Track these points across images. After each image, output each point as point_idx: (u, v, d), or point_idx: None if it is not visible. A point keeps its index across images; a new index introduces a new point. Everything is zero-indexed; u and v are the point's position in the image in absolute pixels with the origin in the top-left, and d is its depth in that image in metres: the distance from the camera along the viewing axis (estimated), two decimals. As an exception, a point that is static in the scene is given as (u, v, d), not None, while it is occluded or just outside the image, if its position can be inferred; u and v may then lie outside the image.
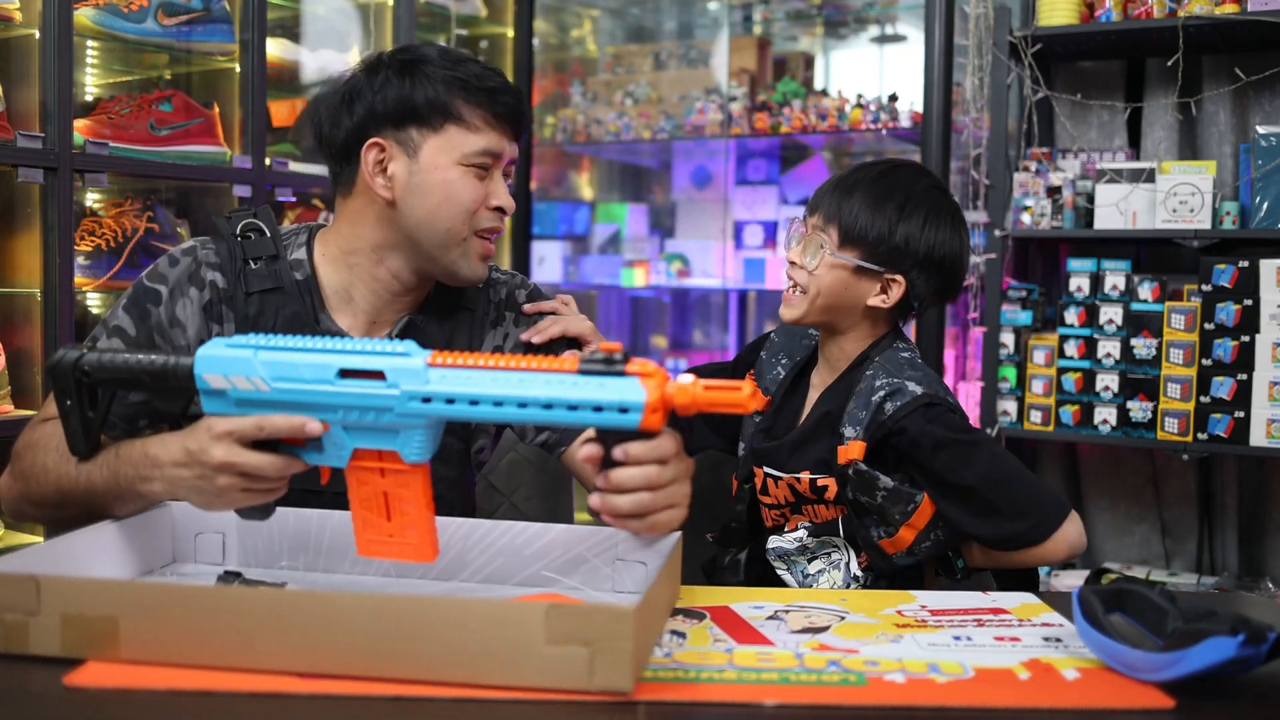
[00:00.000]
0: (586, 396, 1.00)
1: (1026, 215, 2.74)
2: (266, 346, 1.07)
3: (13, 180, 2.12)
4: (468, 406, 1.02)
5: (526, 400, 1.00)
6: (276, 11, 2.71)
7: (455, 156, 1.37)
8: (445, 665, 0.93)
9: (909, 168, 1.56)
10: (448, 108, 1.36)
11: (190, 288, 1.40)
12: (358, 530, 1.11)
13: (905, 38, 3.59)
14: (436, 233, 1.38)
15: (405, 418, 1.04)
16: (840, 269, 1.49)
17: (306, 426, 1.05)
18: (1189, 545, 2.91)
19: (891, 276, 1.49)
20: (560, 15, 3.84)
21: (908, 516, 1.44)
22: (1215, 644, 0.92)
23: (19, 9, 2.14)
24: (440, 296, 1.49)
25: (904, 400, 1.44)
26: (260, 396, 1.07)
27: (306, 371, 1.06)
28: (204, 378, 1.08)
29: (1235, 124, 2.80)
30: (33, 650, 0.98)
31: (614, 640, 0.91)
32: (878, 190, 1.50)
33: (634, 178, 3.93)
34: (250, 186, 2.52)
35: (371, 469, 1.08)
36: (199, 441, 1.08)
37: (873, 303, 1.51)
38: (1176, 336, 2.58)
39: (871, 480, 1.44)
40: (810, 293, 1.50)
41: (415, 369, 1.03)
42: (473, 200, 1.38)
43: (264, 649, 0.94)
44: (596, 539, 1.23)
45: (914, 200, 1.50)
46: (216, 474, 1.08)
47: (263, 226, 1.42)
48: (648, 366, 1.01)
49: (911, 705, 0.93)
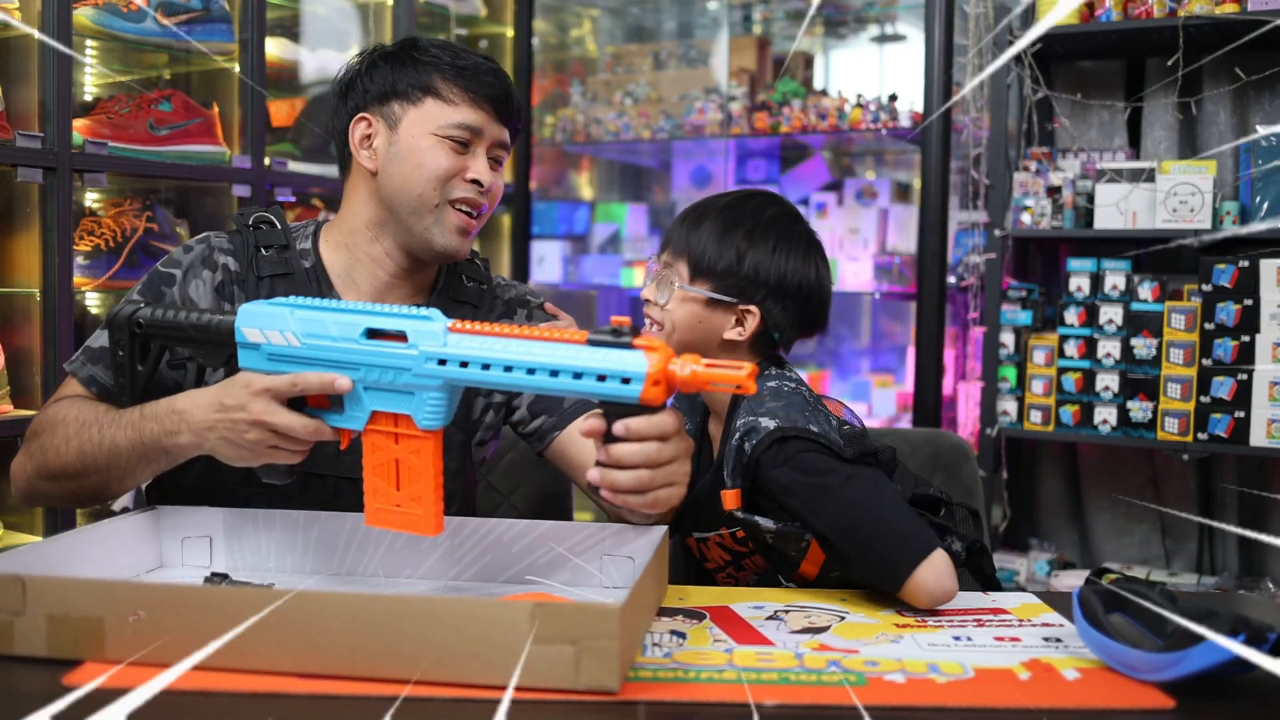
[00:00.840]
0: (592, 365, 1.02)
1: (1026, 215, 2.74)
2: (302, 305, 1.15)
3: (12, 180, 2.12)
4: (479, 370, 1.06)
5: (535, 366, 1.04)
6: (276, 11, 2.71)
7: (430, 128, 1.43)
8: (432, 664, 0.93)
9: (759, 196, 1.52)
10: (428, 84, 1.44)
11: (203, 270, 1.46)
12: (368, 499, 1.15)
13: (905, 37, 3.59)
14: (410, 198, 1.43)
15: (421, 378, 1.09)
16: (692, 302, 1.46)
17: (336, 382, 1.12)
18: (1189, 545, 2.91)
19: (745, 308, 1.45)
20: (560, 15, 3.84)
21: (803, 554, 1.39)
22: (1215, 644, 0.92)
23: (18, 9, 2.13)
24: (447, 290, 1.54)
25: (757, 439, 1.37)
26: (291, 351, 1.14)
27: (335, 329, 1.12)
28: (243, 330, 1.16)
29: (1235, 124, 2.80)
30: (18, 650, 0.98)
31: (600, 639, 0.91)
32: (724, 220, 1.47)
33: (634, 178, 3.93)
34: (250, 186, 2.52)
35: (387, 434, 1.13)
36: (236, 396, 1.15)
37: (729, 336, 1.46)
38: (1176, 336, 2.57)
39: (753, 527, 1.39)
40: (665, 329, 1.48)
41: (435, 332, 1.08)
42: (444, 168, 1.42)
43: (250, 649, 0.94)
44: (583, 535, 1.24)
45: (762, 228, 1.46)
46: (250, 429, 1.14)
47: (273, 219, 1.50)
48: (654, 342, 1.04)
49: (911, 705, 0.93)
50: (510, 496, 2.05)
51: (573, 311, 3.83)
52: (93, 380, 1.39)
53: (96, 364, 1.40)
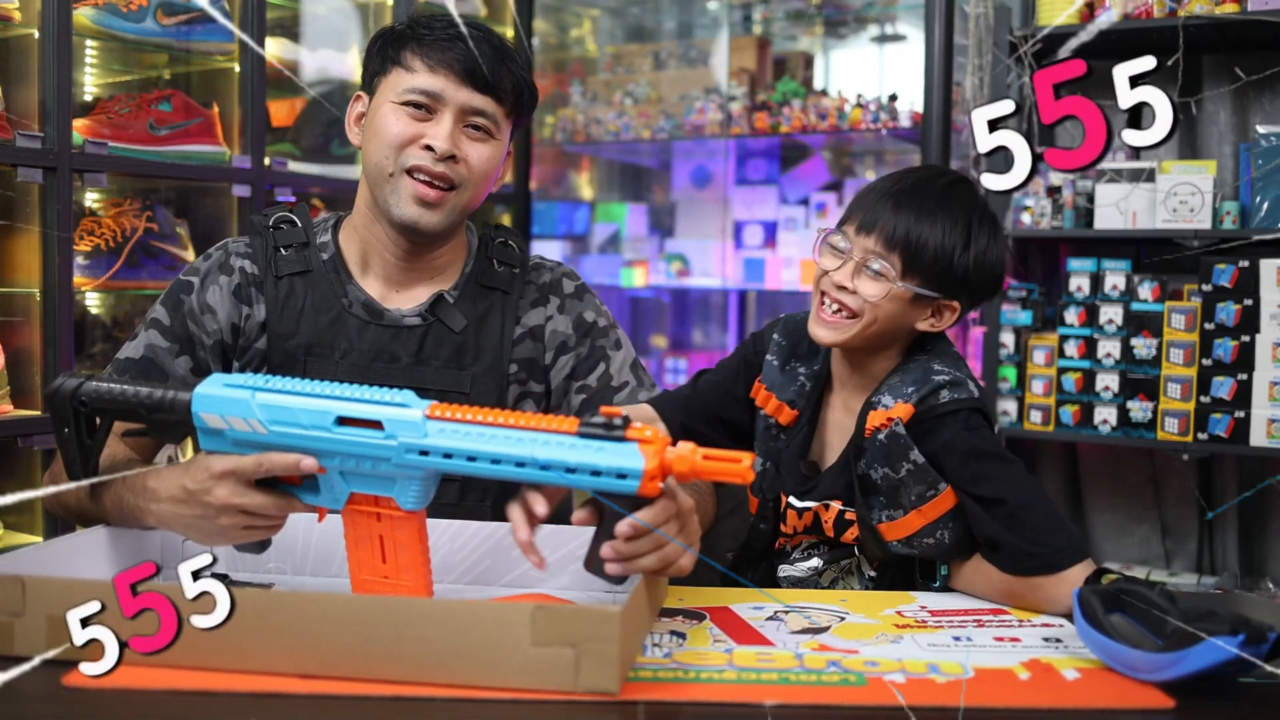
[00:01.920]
0: (585, 460, 1.00)
1: (1026, 215, 2.74)
2: (264, 389, 1.07)
3: (12, 180, 2.12)
4: (465, 462, 1.02)
5: (524, 460, 1.01)
6: (276, 11, 2.71)
7: (392, 95, 1.42)
8: (432, 666, 0.93)
9: (965, 184, 1.44)
10: (394, 55, 1.44)
11: (220, 275, 1.46)
12: (353, 570, 1.11)
13: (905, 37, 3.59)
14: (370, 167, 1.44)
15: (402, 468, 1.04)
16: (900, 298, 1.38)
17: (302, 463, 1.06)
18: (1189, 545, 2.91)
19: (947, 302, 1.41)
20: (560, 15, 3.84)
21: (924, 500, 1.35)
22: (1215, 644, 0.92)
23: (18, 8, 2.13)
24: (476, 275, 1.51)
25: (960, 395, 1.36)
26: (258, 439, 1.07)
27: (304, 417, 1.05)
28: (201, 417, 1.08)
29: (1235, 124, 2.80)
30: (17, 651, 0.98)
31: (600, 642, 0.91)
32: (945, 214, 1.38)
33: (634, 177, 3.93)
34: (250, 186, 2.51)
35: (368, 513, 1.08)
36: (198, 481, 1.09)
37: (922, 327, 1.42)
38: (1176, 336, 2.57)
39: (906, 448, 1.35)
40: (864, 319, 1.39)
41: (413, 421, 1.03)
42: (395, 134, 1.40)
43: (251, 650, 0.94)
44: (583, 539, 1.23)
45: (978, 221, 1.40)
46: (219, 514, 1.09)
47: (294, 218, 1.50)
48: (645, 433, 1.01)
49: (911, 705, 0.93)
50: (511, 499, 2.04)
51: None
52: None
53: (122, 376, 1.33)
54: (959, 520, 1.36)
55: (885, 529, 1.38)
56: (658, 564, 1.07)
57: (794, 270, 3.24)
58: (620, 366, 1.53)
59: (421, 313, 1.46)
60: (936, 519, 1.36)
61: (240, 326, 1.45)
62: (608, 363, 1.52)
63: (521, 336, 1.50)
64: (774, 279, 3.30)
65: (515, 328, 1.50)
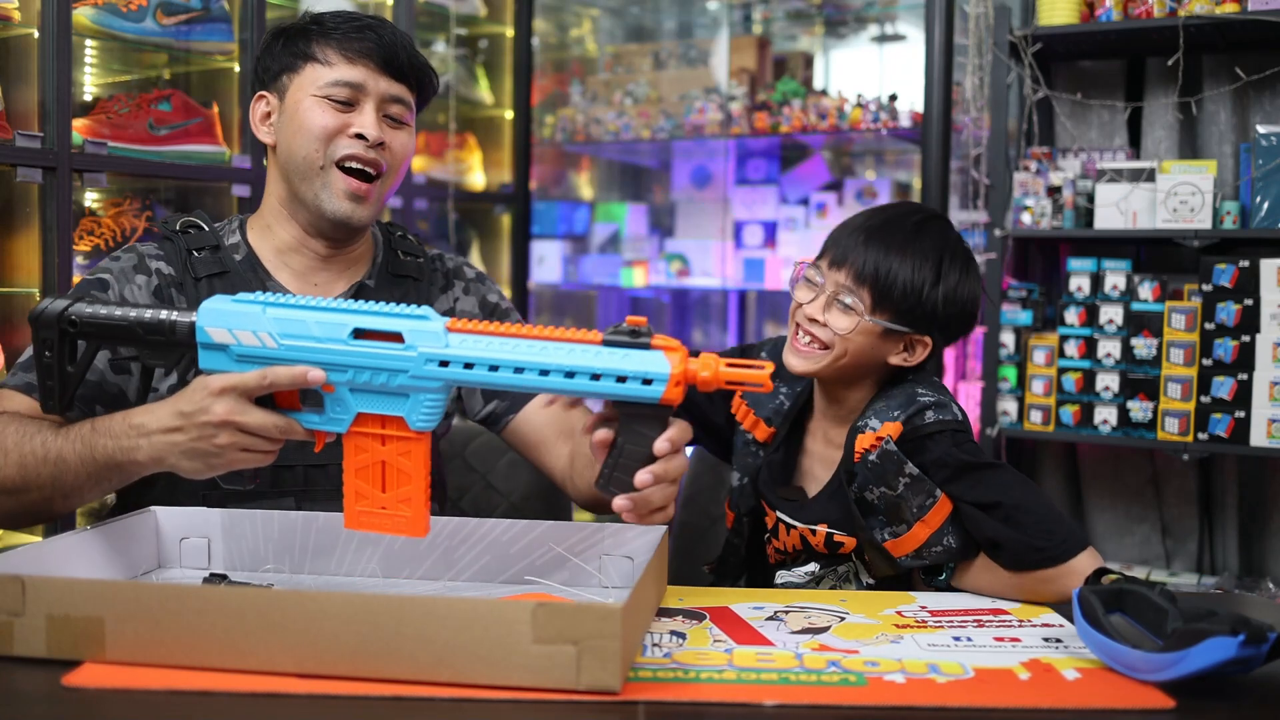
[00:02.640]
0: (611, 366, 1.00)
1: (1026, 215, 2.74)
2: (276, 303, 1.06)
3: (11, 180, 2.12)
4: (486, 372, 1.02)
5: (548, 367, 1.01)
6: (276, 11, 2.71)
7: (310, 90, 1.42)
8: (432, 665, 0.93)
9: (938, 222, 1.49)
10: (305, 50, 1.43)
11: (137, 275, 1.43)
12: (348, 502, 1.09)
13: (905, 37, 3.59)
14: (296, 162, 1.43)
15: (420, 380, 1.04)
16: (869, 332, 1.42)
17: (309, 375, 1.04)
18: (1189, 545, 2.91)
19: (918, 338, 1.44)
20: (560, 15, 3.84)
21: (925, 511, 1.38)
22: (1215, 644, 0.92)
23: (18, 8, 2.13)
24: (387, 265, 1.54)
25: (945, 416, 1.40)
26: (266, 353, 1.06)
27: (318, 329, 1.05)
28: (207, 330, 1.07)
29: (1235, 124, 2.80)
30: (17, 651, 0.98)
31: (601, 639, 0.91)
32: (915, 251, 1.42)
33: (634, 177, 3.93)
34: (249, 186, 2.51)
35: (372, 436, 1.07)
36: (195, 401, 1.07)
37: (894, 361, 1.45)
38: (1177, 336, 2.57)
39: (899, 464, 1.38)
40: (835, 351, 1.42)
41: (435, 331, 1.03)
42: (322, 125, 1.41)
43: (250, 649, 0.94)
44: (582, 535, 1.24)
45: (949, 259, 1.44)
46: (217, 431, 1.06)
47: (200, 223, 1.49)
48: (670, 341, 1.02)
49: (911, 705, 0.93)
50: (510, 496, 2.05)
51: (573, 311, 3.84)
52: (32, 387, 1.29)
53: (30, 371, 1.32)
54: (960, 523, 1.38)
55: (892, 546, 1.40)
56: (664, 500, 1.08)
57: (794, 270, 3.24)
58: None
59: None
60: (940, 526, 1.38)
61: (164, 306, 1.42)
62: None
63: None
64: (774, 279, 3.30)
65: None
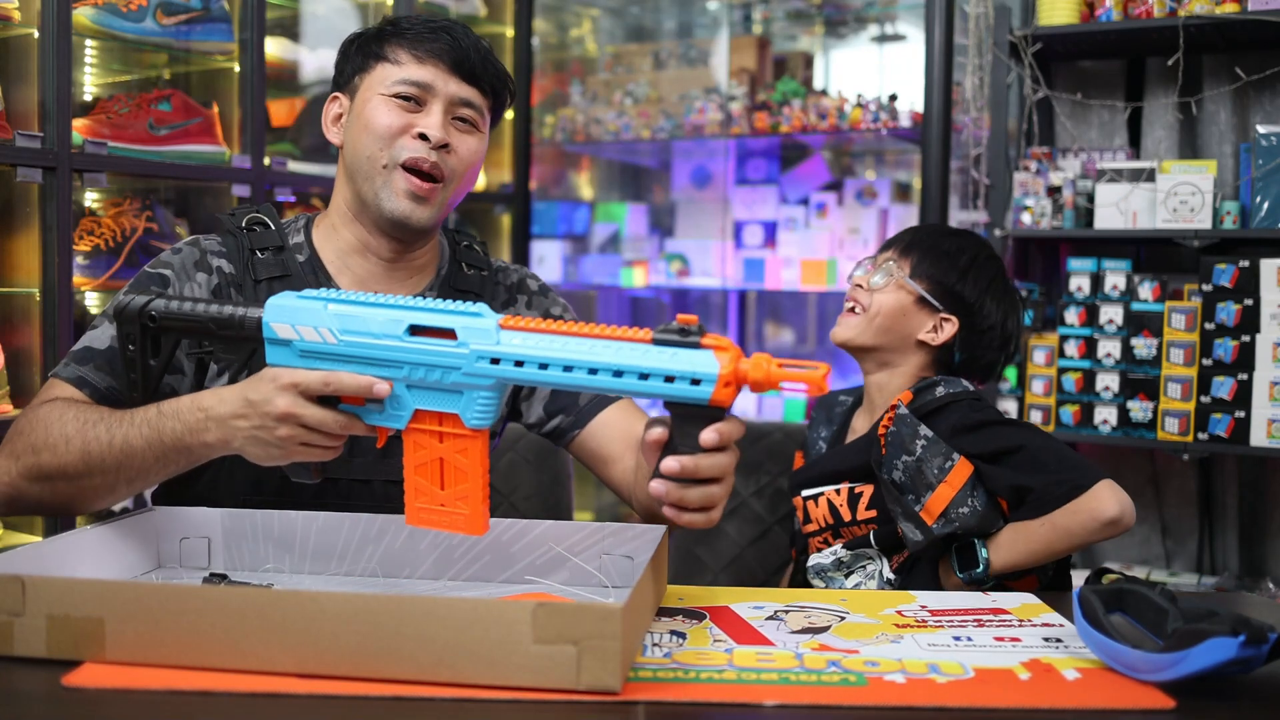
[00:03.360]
0: (660, 365, 0.98)
1: (1026, 215, 2.74)
2: (338, 300, 1.08)
3: (11, 180, 2.12)
4: (536, 370, 1.02)
5: (597, 366, 0.99)
6: (276, 11, 2.71)
7: (378, 89, 1.41)
8: (433, 665, 0.92)
9: (974, 236, 1.70)
10: (377, 51, 1.42)
11: (198, 273, 1.41)
12: (409, 498, 1.10)
13: (905, 37, 3.59)
14: (361, 161, 1.41)
15: (472, 377, 1.04)
16: (904, 293, 1.60)
17: (375, 387, 1.06)
18: (1189, 545, 2.91)
19: (946, 316, 1.60)
20: (560, 15, 3.84)
21: (946, 473, 1.46)
22: (1216, 644, 0.92)
23: (18, 8, 2.13)
24: (450, 279, 1.51)
25: (956, 389, 1.54)
26: (327, 349, 1.08)
27: (376, 326, 1.06)
28: (272, 326, 1.09)
29: (1235, 124, 2.80)
30: (17, 651, 0.98)
31: (602, 639, 0.91)
32: (955, 242, 1.64)
33: (634, 177, 3.93)
34: (249, 186, 2.51)
35: (430, 433, 1.08)
36: (261, 391, 1.09)
37: (923, 336, 1.60)
38: (1177, 336, 2.57)
39: (914, 426, 1.49)
40: (870, 312, 1.60)
41: (487, 329, 1.03)
42: (386, 124, 1.39)
43: (251, 649, 0.94)
44: (582, 534, 1.24)
45: (979, 264, 1.62)
46: (278, 424, 1.09)
47: (266, 220, 1.46)
48: (721, 341, 0.99)
49: (911, 705, 0.93)
50: (510, 496, 2.05)
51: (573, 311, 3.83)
52: (84, 382, 1.31)
53: (85, 365, 1.32)
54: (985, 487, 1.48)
55: (924, 514, 1.47)
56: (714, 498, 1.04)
57: (794, 270, 3.24)
58: None
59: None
60: (963, 485, 1.46)
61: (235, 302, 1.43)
62: None
63: None
64: (774, 279, 3.30)
65: None
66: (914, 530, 1.48)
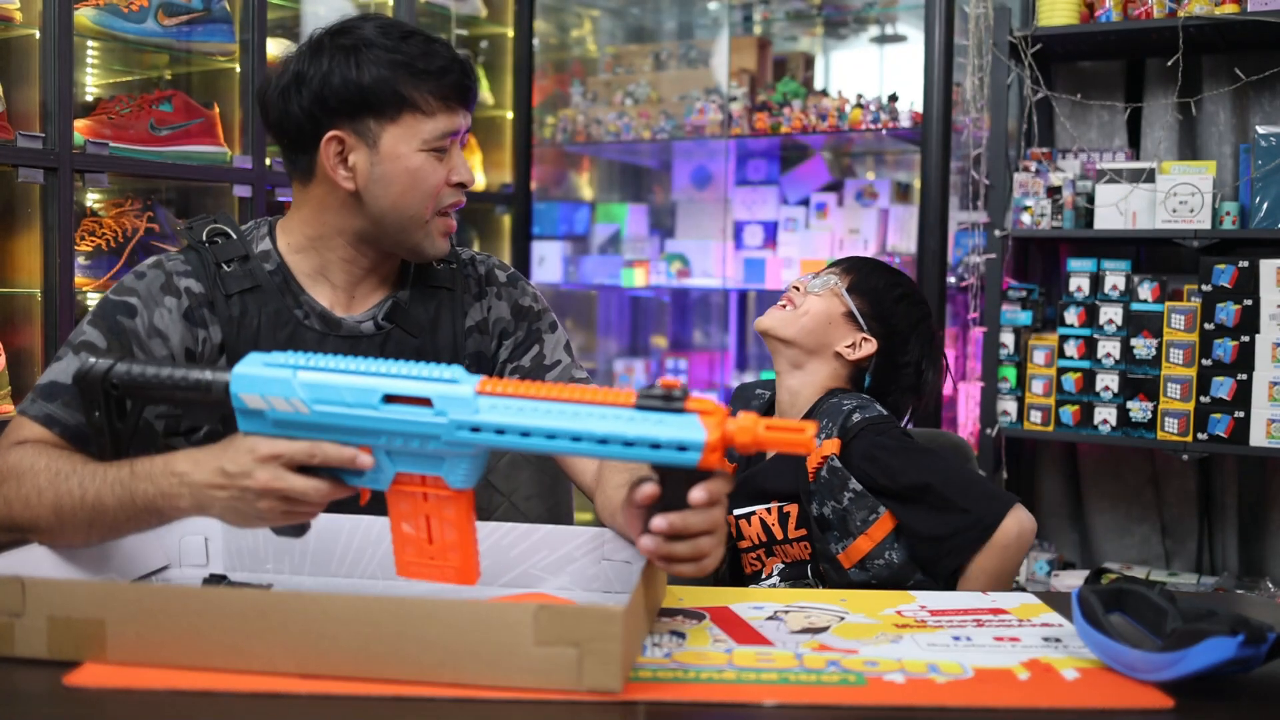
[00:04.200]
0: (644, 433, 0.96)
1: (1026, 215, 2.74)
2: (306, 367, 1.04)
3: (13, 180, 2.12)
4: (519, 438, 0.99)
5: (580, 434, 0.97)
6: (276, 11, 2.71)
7: (415, 144, 1.36)
8: (433, 666, 0.93)
9: (916, 288, 1.77)
10: (401, 96, 1.35)
11: (166, 297, 1.36)
12: (397, 549, 1.08)
13: (905, 38, 3.59)
14: (402, 218, 1.39)
15: (452, 446, 1.01)
16: (836, 302, 1.67)
17: (358, 459, 1.03)
18: (1189, 545, 2.91)
19: (868, 337, 1.66)
20: (560, 15, 3.84)
21: (868, 525, 1.53)
22: (1215, 644, 0.92)
23: (19, 9, 2.14)
24: (421, 277, 1.49)
25: (870, 414, 1.58)
26: (300, 419, 1.04)
27: (349, 395, 1.02)
28: (240, 397, 1.05)
29: (1235, 124, 2.80)
30: (18, 652, 0.98)
31: (602, 641, 0.91)
32: (897, 279, 1.72)
33: (634, 178, 3.93)
34: (250, 186, 2.52)
35: (414, 493, 1.06)
36: (239, 464, 1.05)
37: (841, 349, 1.66)
38: (1176, 336, 2.57)
39: (844, 479, 1.54)
40: (799, 310, 1.67)
41: (464, 397, 1.00)
42: (435, 183, 1.38)
43: (251, 650, 0.94)
44: (583, 539, 1.24)
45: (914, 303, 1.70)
46: (258, 498, 1.05)
47: (227, 230, 1.42)
48: (707, 404, 0.98)
49: (911, 705, 0.93)
50: (510, 496, 2.05)
51: (573, 311, 3.84)
52: (53, 420, 1.25)
53: (53, 401, 1.26)
54: (901, 541, 1.54)
55: (843, 558, 1.55)
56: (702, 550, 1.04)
57: (794, 270, 3.25)
58: (554, 347, 1.55)
59: (376, 319, 1.43)
60: (882, 540, 1.53)
61: (196, 351, 1.35)
62: (541, 344, 1.54)
63: (469, 330, 1.49)
64: (774, 279, 3.30)
65: (464, 323, 1.49)
66: (831, 569, 1.56)
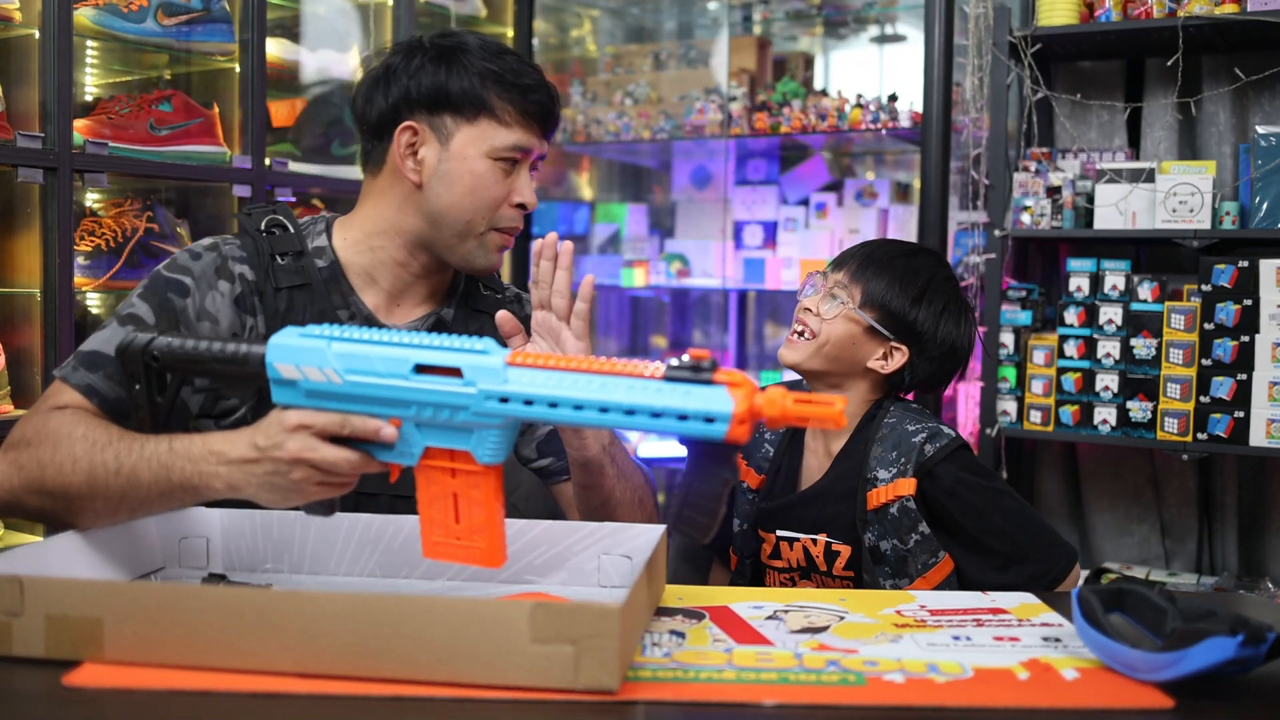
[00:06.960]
0: (671, 404, 0.96)
1: (1026, 215, 2.74)
2: (341, 338, 1.05)
3: (12, 180, 2.12)
4: (546, 408, 0.99)
5: (608, 405, 0.97)
6: (276, 11, 2.71)
7: (485, 149, 1.38)
8: (430, 664, 0.92)
9: (932, 255, 1.65)
10: (482, 99, 1.38)
11: (219, 281, 1.38)
12: (424, 531, 1.09)
13: (905, 38, 3.59)
14: (458, 222, 1.40)
15: (481, 417, 1.02)
16: (853, 324, 1.56)
17: (381, 431, 1.04)
18: (1189, 545, 2.91)
19: (897, 345, 1.56)
20: (560, 15, 3.84)
21: (927, 569, 1.49)
22: (1215, 644, 0.92)
23: (19, 9, 2.14)
24: (466, 300, 1.51)
25: (942, 442, 1.51)
26: (332, 389, 1.05)
27: (381, 365, 1.03)
28: (275, 366, 1.06)
29: (1235, 124, 2.80)
30: (16, 651, 0.98)
31: (600, 638, 0.91)
32: (905, 267, 1.58)
33: (634, 178, 3.93)
34: (250, 186, 2.52)
35: (442, 469, 1.06)
36: (270, 436, 1.07)
37: (872, 365, 1.57)
38: (1176, 336, 2.57)
39: (914, 521, 1.49)
40: (819, 339, 1.56)
41: (494, 367, 1.00)
42: (497, 195, 1.39)
43: (249, 649, 0.94)
44: (580, 534, 1.24)
45: (935, 287, 1.58)
46: (291, 468, 1.06)
47: (285, 222, 1.44)
48: (735, 376, 0.97)
49: (911, 705, 0.93)
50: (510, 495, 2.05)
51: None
52: (93, 391, 1.28)
53: (95, 372, 1.29)
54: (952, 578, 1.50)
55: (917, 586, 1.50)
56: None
57: (794, 270, 3.25)
58: None
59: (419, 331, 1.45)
60: (938, 584, 1.49)
61: (242, 337, 1.36)
62: None
63: None
64: (774, 279, 3.30)
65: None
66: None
